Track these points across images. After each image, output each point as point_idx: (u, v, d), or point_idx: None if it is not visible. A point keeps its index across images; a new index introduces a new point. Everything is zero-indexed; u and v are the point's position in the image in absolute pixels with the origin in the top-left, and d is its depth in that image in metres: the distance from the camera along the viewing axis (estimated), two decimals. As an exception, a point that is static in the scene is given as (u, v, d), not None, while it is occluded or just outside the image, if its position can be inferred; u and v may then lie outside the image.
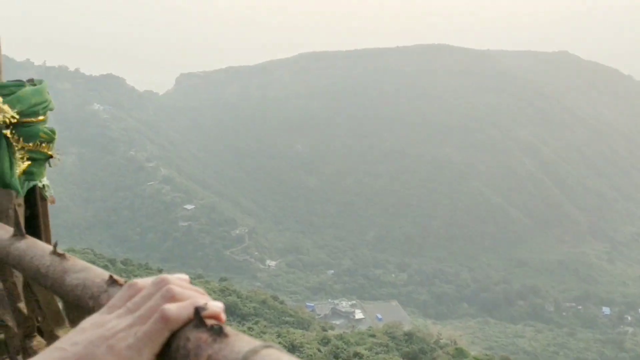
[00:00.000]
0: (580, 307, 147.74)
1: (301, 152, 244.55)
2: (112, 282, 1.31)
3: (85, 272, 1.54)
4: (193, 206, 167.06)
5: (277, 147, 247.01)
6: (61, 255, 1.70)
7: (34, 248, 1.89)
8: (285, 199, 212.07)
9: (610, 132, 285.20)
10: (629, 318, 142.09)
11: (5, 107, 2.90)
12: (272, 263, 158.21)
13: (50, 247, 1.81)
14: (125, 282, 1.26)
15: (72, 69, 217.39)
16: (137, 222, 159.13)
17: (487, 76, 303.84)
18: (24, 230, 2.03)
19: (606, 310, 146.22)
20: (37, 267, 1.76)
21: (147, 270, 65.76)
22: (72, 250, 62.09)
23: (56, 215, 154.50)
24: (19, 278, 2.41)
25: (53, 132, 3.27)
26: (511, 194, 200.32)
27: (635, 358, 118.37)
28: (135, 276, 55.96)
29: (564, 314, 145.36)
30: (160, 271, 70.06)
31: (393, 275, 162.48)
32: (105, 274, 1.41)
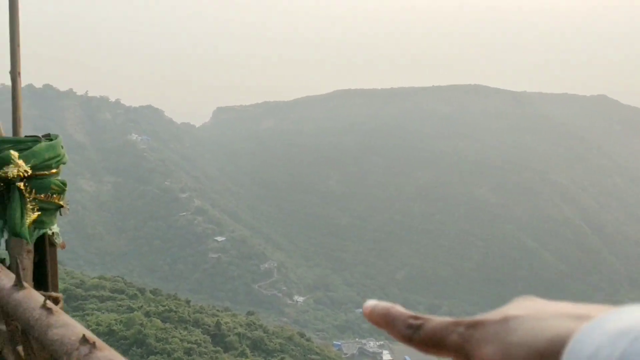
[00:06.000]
0: None
1: (334, 188, 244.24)
2: (84, 341, 1.40)
3: (64, 328, 1.61)
4: (224, 238, 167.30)
5: (310, 183, 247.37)
6: (49, 310, 1.80)
7: (29, 300, 1.99)
8: (316, 235, 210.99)
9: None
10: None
11: (20, 162, 3.20)
12: (300, 299, 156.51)
13: (41, 300, 1.93)
14: (94, 342, 1.38)
15: (112, 99, 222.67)
16: (169, 252, 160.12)
17: (524, 118, 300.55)
18: (22, 281, 2.17)
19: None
20: (27, 319, 1.89)
21: (176, 301, 65.67)
22: (102, 278, 62.50)
23: (89, 243, 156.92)
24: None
25: (64, 184, 3.50)
26: (547, 238, 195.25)
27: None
28: (164, 307, 55.76)
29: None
30: (188, 302, 69.85)
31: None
32: (80, 332, 1.46)
